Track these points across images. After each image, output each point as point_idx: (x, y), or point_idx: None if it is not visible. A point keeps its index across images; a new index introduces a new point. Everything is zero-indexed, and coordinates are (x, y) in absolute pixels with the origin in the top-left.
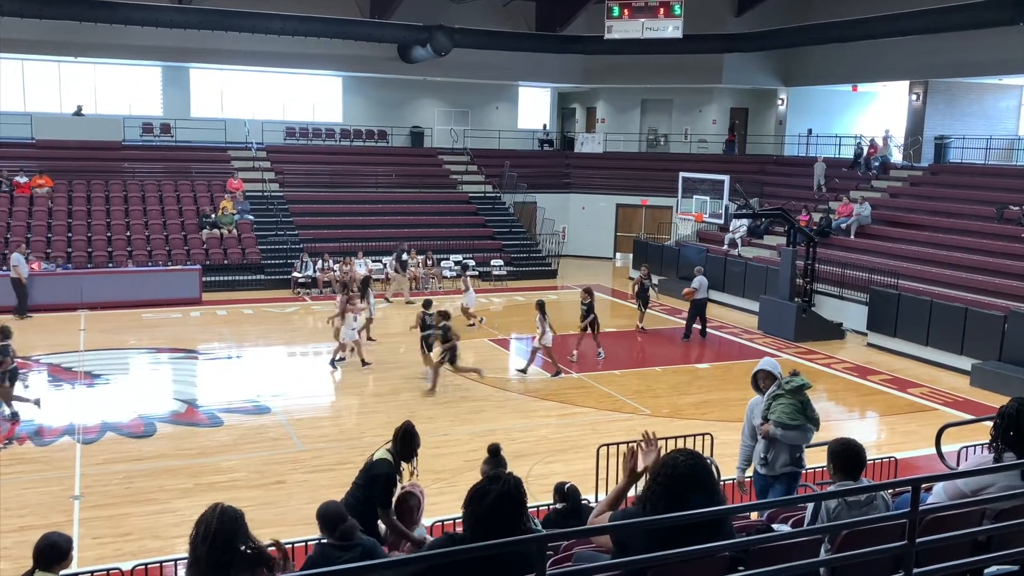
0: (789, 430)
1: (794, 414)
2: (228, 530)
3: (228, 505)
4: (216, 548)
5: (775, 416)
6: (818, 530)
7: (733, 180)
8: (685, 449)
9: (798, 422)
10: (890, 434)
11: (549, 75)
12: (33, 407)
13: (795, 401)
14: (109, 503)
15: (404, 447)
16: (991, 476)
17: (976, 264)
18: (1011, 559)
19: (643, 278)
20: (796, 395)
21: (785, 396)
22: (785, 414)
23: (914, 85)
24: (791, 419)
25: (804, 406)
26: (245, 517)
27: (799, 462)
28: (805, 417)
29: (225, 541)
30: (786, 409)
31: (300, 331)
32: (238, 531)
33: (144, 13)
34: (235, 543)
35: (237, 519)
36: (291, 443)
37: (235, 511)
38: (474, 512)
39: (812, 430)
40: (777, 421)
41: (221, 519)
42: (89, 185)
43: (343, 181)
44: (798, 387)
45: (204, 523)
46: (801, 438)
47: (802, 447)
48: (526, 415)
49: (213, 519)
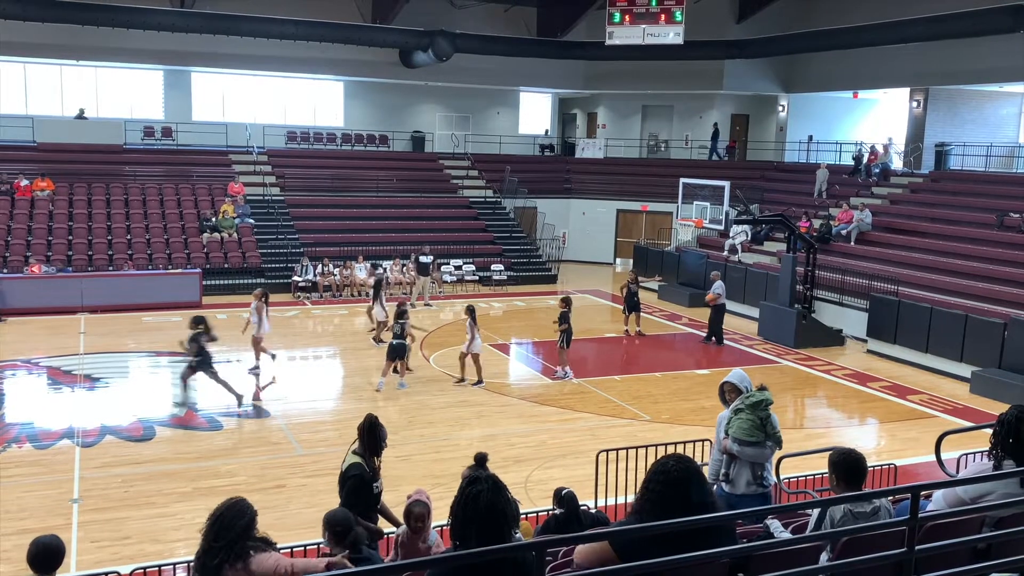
0: (747, 446)
1: (752, 430)
2: (233, 517)
3: (244, 500)
4: (211, 531)
5: (733, 431)
6: (819, 536)
7: (734, 186)
8: (674, 455)
9: (755, 438)
10: (890, 441)
11: (550, 80)
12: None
13: (754, 417)
14: (108, 507)
15: (371, 441)
16: (991, 483)
17: (976, 271)
18: (1011, 567)
19: (630, 283)
20: (755, 410)
21: (745, 411)
22: (743, 430)
23: (915, 92)
24: (748, 435)
25: (763, 422)
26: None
27: (763, 482)
28: (764, 434)
29: (222, 528)
30: (743, 424)
31: (300, 335)
32: (243, 521)
33: (146, 17)
34: (230, 533)
35: (244, 513)
36: (290, 447)
37: (246, 506)
38: (472, 514)
39: (772, 447)
40: (735, 436)
41: (230, 507)
42: (90, 188)
43: (344, 185)
44: (757, 402)
45: (215, 510)
46: (759, 455)
47: (765, 466)
48: (526, 420)
49: (223, 506)
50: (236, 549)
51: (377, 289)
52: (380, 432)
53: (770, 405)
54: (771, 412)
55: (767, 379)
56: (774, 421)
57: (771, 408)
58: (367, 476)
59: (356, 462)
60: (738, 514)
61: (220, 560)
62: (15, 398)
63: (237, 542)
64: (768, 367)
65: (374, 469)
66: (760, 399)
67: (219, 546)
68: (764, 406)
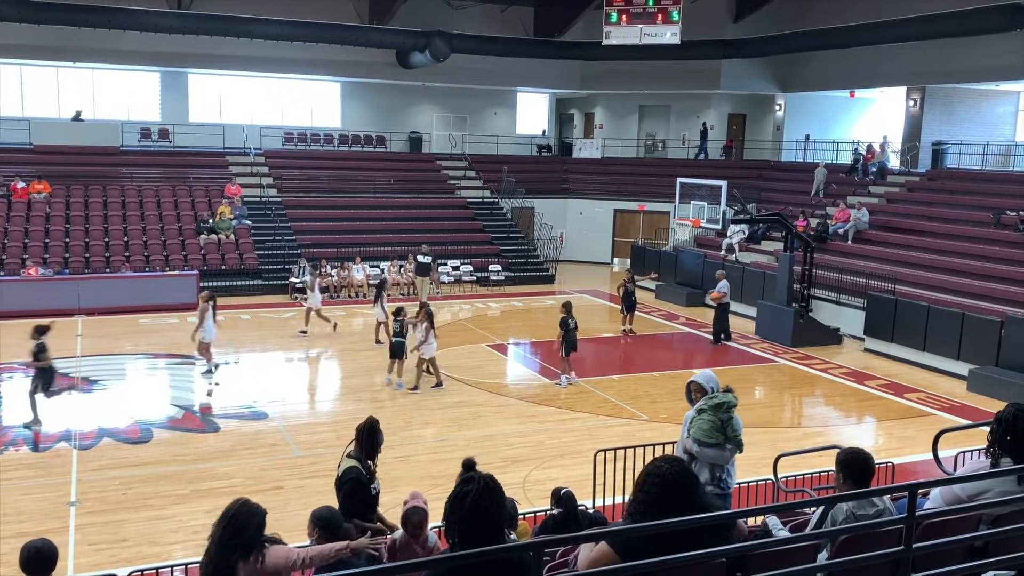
0: (706, 447)
1: (712, 431)
2: (246, 516)
3: (254, 502)
4: (227, 531)
5: (693, 431)
6: (817, 535)
7: (731, 186)
8: (666, 456)
9: (715, 440)
10: (887, 439)
11: (547, 81)
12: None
13: (715, 418)
14: (105, 509)
15: (369, 444)
16: (988, 481)
17: (973, 269)
18: (1008, 564)
19: (627, 282)
20: (717, 412)
21: (708, 412)
22: (703, 430)
23: (911, 91)
24: (707, 436)
25: (724, 424)
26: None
27: (721, 484)
28: (725, 436)
29: (238, 529)
30: (703, 425)
31: (297, 337)
32: (256, 520)
33: (142, 18)
34: (246, 533)
35: (256, 512)
36: (288, 449)
37: (257, 506)
38: (459, 513)
39: (732, 450)
40: (695, 437)
41: (240, 508)
42: (87, 190)
43: (341, 186)
44: (719, 404)
45: (226, 510)
46: (718, 457)
47: (726, 468)
48: (524, 420)
49: (235, 506)
50: (251, 547)
51: (379, 291)
52: (378, 436)
53: (733, 407)
54: (734, 415)
55: (765, 378)
56: (736, 424)
57: (735, 411)
58: (364, 478)
59: (352, 465)
60: (738, 513)
61: (236, 558)
62: (12, 401)
63: (252, 540)
64: (766, 366)
65: (371, 471)
66: (723, 401)
67: (234, 544)
68: (726, 408)
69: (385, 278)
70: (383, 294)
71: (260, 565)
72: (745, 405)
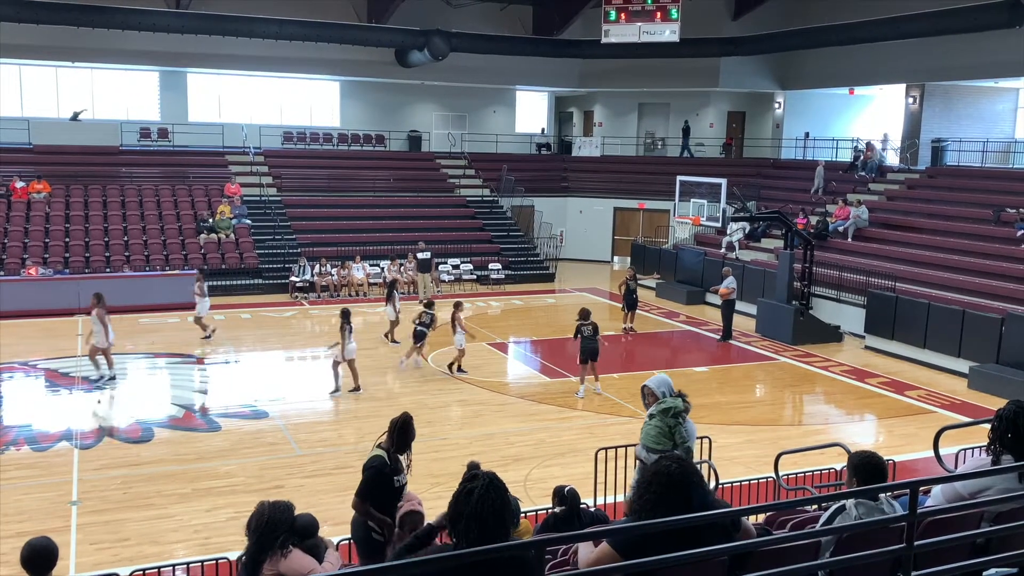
0: (653, 453)
1: (659, 438)
2: (277, 519)
3: (283, 500)
4: (261, 532)
5: (642, 436)
6: (819, 533)
7: (730, 184)
8: (671, 455)
9: (661, 446)
10: (888, 437)
11: (546, 79)
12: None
13: (663, 424)
14: (107, 508)
15: (400, 438)
16: (989, 479)
17: (973, 267)
18: (1010, 562)
19: (628, 280)
20: (665, 417)
21: (656, 417)
22: (650, 436)
23: (911, 88)
24: (655, 443)
25: (672, 430)
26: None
27: None
28: (672, 442)
29: (272, 528)
30: (651, 431)
31: (298, 335)
32: (286, 520)
33: (141, 18)
34: (279, 531)
35: (287, 510)
36: (289, 448)
37: (286, 504)
38: (464, 511)
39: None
40: (643, 442)
41: (273, 508)
42: (86, 190)
43: (341, 185)
44: (666, 409)
45: (258, 511)
46: None
47: None
48: (524, 419)
49: (266, 507)
50: (281, 545)
51: (391, 290)
52: (410, 431)
53: (681, 413)
54: (683, 421)
55: (765, 376)
56: (685, 431)
57: (685, 416)
58: (387, 470)
59: (378, 454)
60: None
61: (267, 555)
62: (13, 401)
63: (284, 538)
64: (766, 364)
65: (397, 464)
66: (670, 406)
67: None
68: (674, 414)
69: (396, 278)
70: (395, 293)
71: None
72: (746, 403)
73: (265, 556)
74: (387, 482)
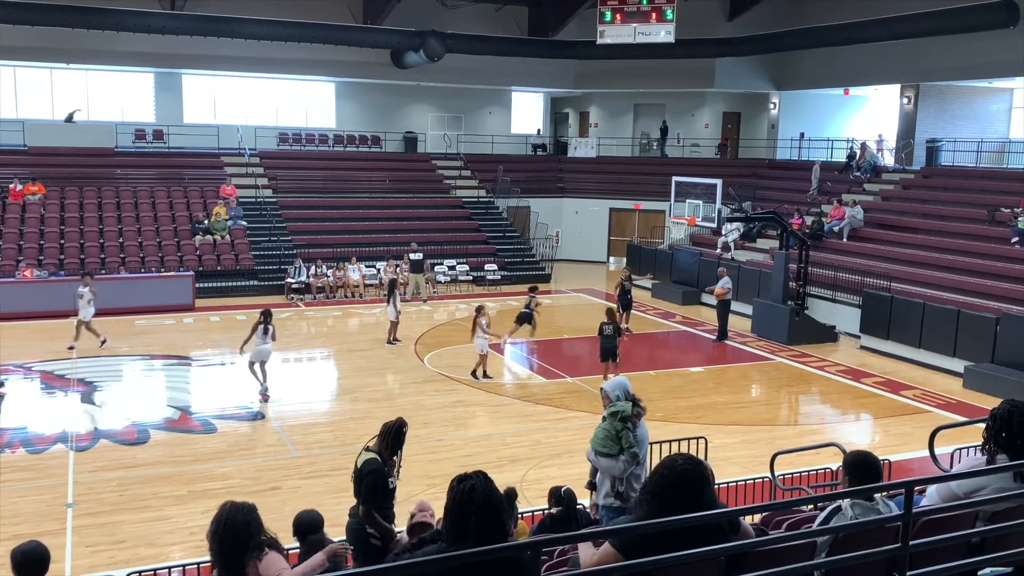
0: (600, 456)
1: (606, 441)
2: (238, 523)
3: (240, 502)
4: (225, 540)
5: (592, 440)
6: (815, 533)
7: (726, 184)
8: (684, 454)
9: (608, 449)
10: (883, 436)
11: (542, 80)
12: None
13: (610, 427)
14: (103, 511)
15: (395, 442)
16: (984, 478)
17: (968, 266)
18: (1005, 561)
19: (623, 280)
20: (613, 420)
21: (607, 420)
22: (598, 439)
23: (905, 89)
24: (602, 446)
25: (619, 433)
26: (257, 511)
27: (622, 496)
28: (620, 446)
29: (234, 534)
30: (599, 434)
31: (294, 337)
32: (249, 524)
33: (136, 19)
34: (244, 535)
35: (248, 512)
36: (285, 449)
37: (247, 506)
38: (463, 509)
39: (627, 462)
40: (592, 446)
41: (231, 514)
42: (82, 192)
43: (336, 187)
44: (614, 412)
45: (216, 519)
46: (610, 468)
47: (625, 480)
48: (520, 420)
49: (223, 514)
50: (254, 546)
51: (391, 290)
52: (401, 438)
53: (630, 418)
54: (631, 425)
55: (761, 376)
56: (633, 435)
57: (636, 422)
58: (384, 471)
59: (372, 458)
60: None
61: (246, 558)
62: (8, 403)
63: (252, 538)
64: (762, 364)
65: (390, 466)
66: (619, 410)
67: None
68: (622, 417)
69: (396, 278)
70: (396, 293)
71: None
72: (741, 403)
73: (238, 559)
74: (385, 485)
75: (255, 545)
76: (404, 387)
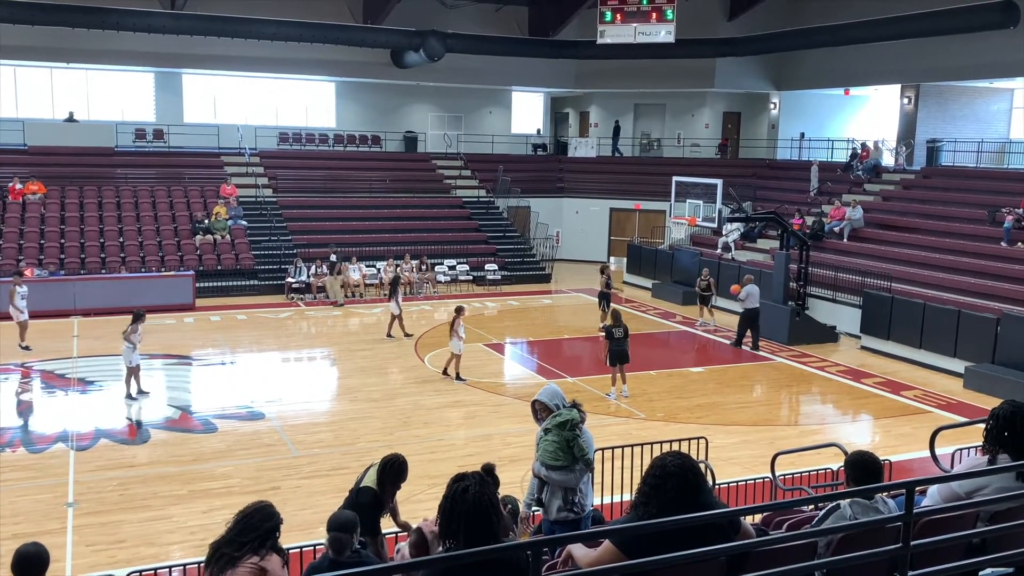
0: (553, 470)
1: (557, 453)
2: (261, 519)
3: (273, 507)
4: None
5: (539, 453)
6: (815, 533)
7: (726, 184)
8: (673, 451)
9: (561, 461)
10: (884, 437)
11: (542, 80)
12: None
13: (560, 438)
14: (103, 510)
15: (392, 479)
16: (985, 478)
17: (968, 267)
18: (1006, 561)
19: (606, 278)
20: (561, 431)
21: (552, 431)
22: (548, 452)
23: (906, 89)
24: (553, 459)
25: (570, 444)
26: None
27: (575, 508)
28: (572, 456)
29: (251, 527)
30: (549, 447)
31: (294, 336)
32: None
33: (137, 19)
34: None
35: (271, 517)
36: (286, 449)
37: (274, 512)
38: (454, 509)
39: (581, 470)
40: (541, 460)
41: (259, 510)
42: (82, 191)
43: (337, 186)
44: (562, 422)
45: (246, 510)
46: (567, 480)
47: (579, 489)
48: (521, 419)
49: (253, 508)
50: (256, 547)
51: (394, 286)
52: (400, 476)
53: (578, 424)
54: (581, 432)
55: (761, 376)
56: (583, 442)
57: (582, 427)
58: (376, 504)
59: (370, 487)
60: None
61: (240, 554)
62: (8, 402)
63: (261, 542)
64: (762, 364)
65: (383, 501)
66: (566, 419)
67: (241, 541)
68: (571, 426)
69: (398, 275)
70: (398, 289)
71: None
72: (742, 403)
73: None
74: (374, 517)
75: (260, 544)
76: (404, 387)
